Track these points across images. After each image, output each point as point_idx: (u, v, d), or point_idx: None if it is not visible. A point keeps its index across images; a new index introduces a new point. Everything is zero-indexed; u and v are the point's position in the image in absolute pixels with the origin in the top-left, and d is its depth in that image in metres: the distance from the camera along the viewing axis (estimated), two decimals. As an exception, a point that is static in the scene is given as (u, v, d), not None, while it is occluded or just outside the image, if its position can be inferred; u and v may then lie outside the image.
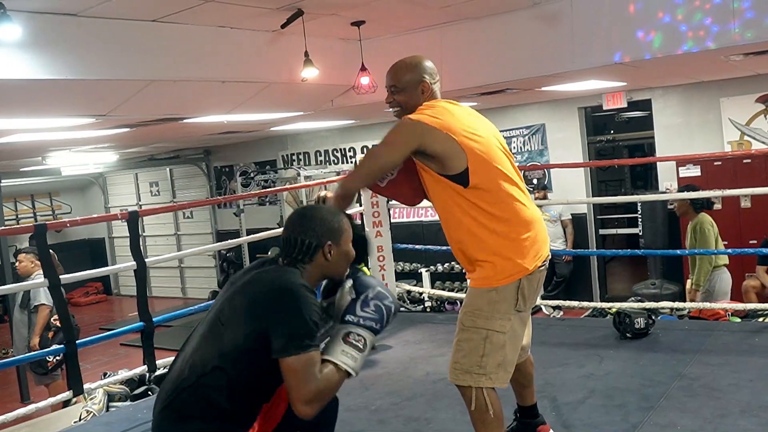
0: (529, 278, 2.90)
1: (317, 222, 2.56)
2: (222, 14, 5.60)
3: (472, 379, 2.91)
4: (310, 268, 2.53)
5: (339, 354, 2.38)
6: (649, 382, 4.26)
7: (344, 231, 2.60)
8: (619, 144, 11.28)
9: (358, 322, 2.45)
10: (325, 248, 2.52)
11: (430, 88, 3.03)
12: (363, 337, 2.43)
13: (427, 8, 6.24)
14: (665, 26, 5.92)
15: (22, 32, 4.43)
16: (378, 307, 2.48)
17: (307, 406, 2.29)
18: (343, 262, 2.59)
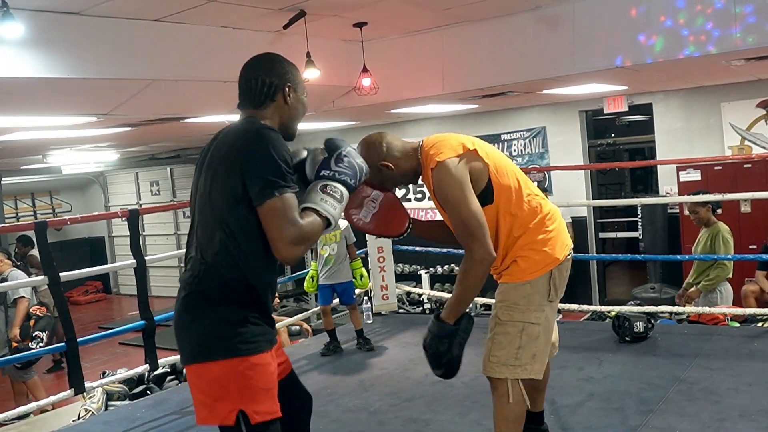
0: (559, 268, 2.99)
1: (278, 63, 2.54)
2: (224, 14, 5.61)
3: (509, 371, 2.95)
4: (270, 112, 2.48)
5: (319, 201, 2.35)
6: (648, 386, 4.26)
7: (302, 82, 2.57)
8: (620, 148, 11.28)
9: (332, 176, 2.40)
10: (285, 89, 2.49)
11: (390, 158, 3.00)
12: (339, 189, 2.39)
13: (429, 10, 6.25)
14: (667, 30, 5.94)
15: (24, 30, 4.45)
16: (351, 164, 2.44)
17: (291, 247, 2.24)
18: (300, 109, 2.56)
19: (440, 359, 2.94)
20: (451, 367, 2.97)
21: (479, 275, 2.83)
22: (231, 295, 2.30)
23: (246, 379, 2.25)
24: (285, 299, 12.22)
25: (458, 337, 2.91)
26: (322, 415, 4.33)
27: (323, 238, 5.66)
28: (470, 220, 2.81)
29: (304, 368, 5.38)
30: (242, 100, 2.53)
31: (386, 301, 6.66)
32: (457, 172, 2.85)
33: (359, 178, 2.46)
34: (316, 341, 6.20)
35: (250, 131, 2.35)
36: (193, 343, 2.33)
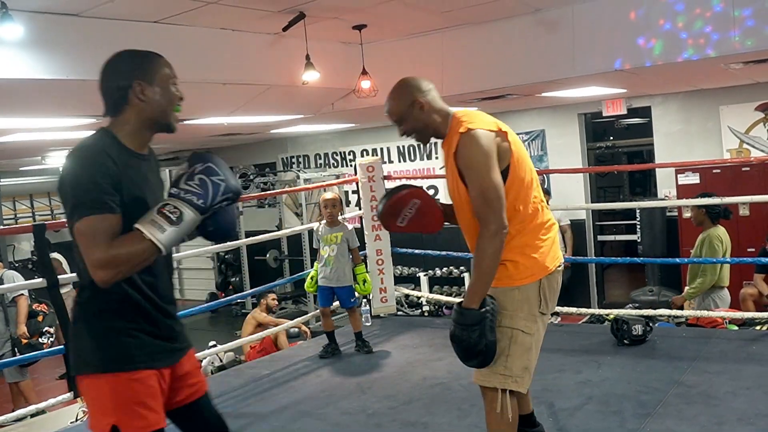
0: (549, 278, 2.95)
1: (122, 62, 2.37)
2: (224, 16, 5.62)
3: (498, 381, 2.89)
4: (127, 117, 2.33)
5: (146, 223, 2.17)
6: (647, 389, 4.26)
7: (160, 67, 2.38)
8: (619, 150, 11.29)
9: (178, 195, 2.22)
10: (135, 88, 2.31)
11: (427, 102, 2.97)
12: (180, 211, 2.20)
13: (429, 13, 6.25)
14: (666, 34, 5.94)
15: (23, 31, 4.44)
16: (203, 182, 2.25)
17: (98, 270, 2.13)
18: (163, 101, 2.36)
19: (474, 349, 2.82)
20: (488, 354, 2.84)
21: (495, 250, 2.77)
22: (104, 307, 2.27)
23: (118, 394, 2.24)
24: (284, 301, 12.22)
25: (488, 321, 2.81)
26: (320, 418, 4.33)
27: (324, 239, 5.66)
28: (489, 190, 2.77)
29: (302, 370, 5.38)
30: (104, 109, 2.39)
31: (385, 303, 6.66)
32: (486, 142, 2.81)
33: (212, 199, 2.25)
34: (314, 343, 6.20)
35: (72, 150, 2.26)
36: (75, 354, 2.33)
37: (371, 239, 6.59)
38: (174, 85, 2.41)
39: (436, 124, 2.98)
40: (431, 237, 11.26)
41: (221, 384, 5.23)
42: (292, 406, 4.59)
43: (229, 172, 2.33)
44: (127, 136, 2.32)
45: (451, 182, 2.98)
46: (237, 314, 12.63)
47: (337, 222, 5.69)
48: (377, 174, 6.57)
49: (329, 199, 5.70)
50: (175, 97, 2.40)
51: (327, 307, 5.73)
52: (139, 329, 2.30)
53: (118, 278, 2.17)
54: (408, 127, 3.01)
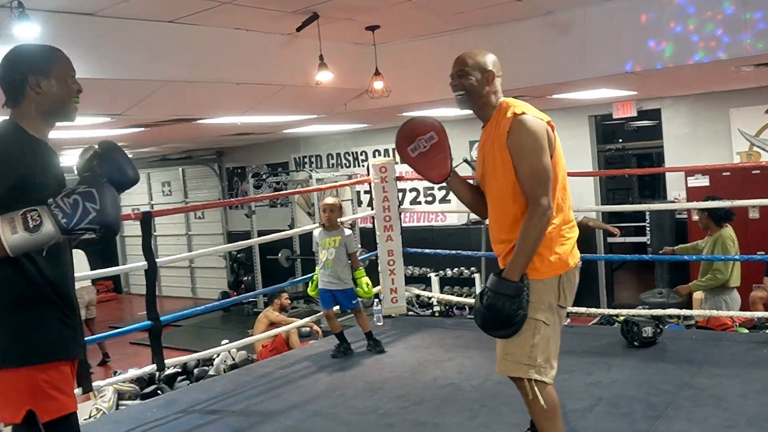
0: (568, 274, 3.03)
1: (19, 57, 2.49)
2: (238, 16, 5.66)
3: (522, 371, 2.95)
4: (25, 109, 2.45)
5: (5, 219, 2.22)
6: (657, 391, 4.27)
7: (56, 62, 2.51)
8: (628, 153, 11.29)
9: (49, 206, 2.27)
10: (30, 81, 2.44)
11: (494, 80, 3.09)
12: (41, 221, 2.23)
13: (441, 15, 6.28)
14: (677, 36, 5.95)
15: (40, 31, 4.48)
16: (76, 202, 2.29)
17: None
18: (61, 92, 2.49)
19: (513, 318, 2.87)
20: (519, 326, 2.91)
21: (542, 227, 2.87)
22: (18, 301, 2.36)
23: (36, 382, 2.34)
24: (295, 300, 12.26)
25: (524, 296, 2.88)
26: (331, 417, 4.36)
27: (322, 243, 5.71)
28: (541, 171, 2.88)
29: (313, 370, 5.42)
30: (5, 101, 2.51)
31: (396, 303, 6.69)
32: (538, 128, 2.92)
33: (77, 222, 2.28)
34: (326, 343, 6.24)
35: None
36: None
37: (383, 240, 6.62)
38: (71, 77, 2.54)
39: (487, 100, 3.09)
40: (442, 237, 11.31)
41: (233, 382, 5.27)
42: (304, 405, 4.62)
43: (115, 205, 2.37)
44: (28, 124, 2.45)
45: (491, 165, 3.02)
46: (249, 313, 12.68)
47: (335, 226, 5.73)
48: (390, 174, 6.60)
49: (329, 203, 5.78)
50: (72, 89, 2.54)
51: (330, 310, 5.78)
52: (54, 321, 2.41)
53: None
54: (466, 83, 3.07)
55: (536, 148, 2.89)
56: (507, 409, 4.09)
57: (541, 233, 2.87)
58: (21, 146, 2.37)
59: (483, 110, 3.11)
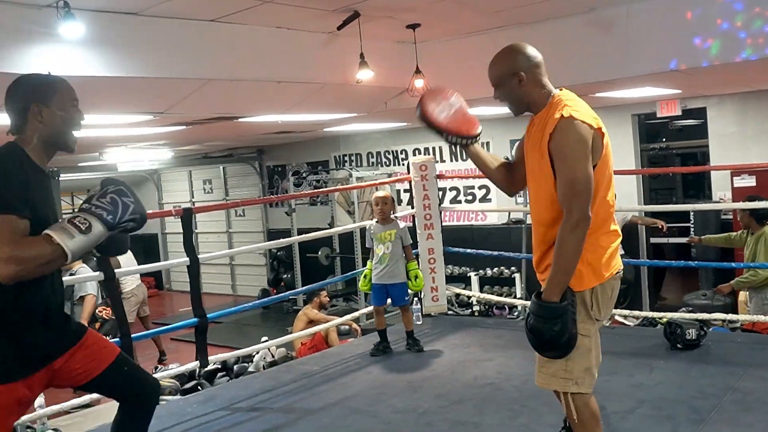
0: (603, 286, 2.88)
1: (21, 86, 2.58)
2: (279, 15, 5.68)
3: (559, 384, 2.88)
4: (28, 137, 2.53)
5: (58, 229, 2.33)
6: (700, 395, 4.20)
7: (57, 92, 2.59)
8: (672, 152, 11.09)
9: (89, 209, 2.40)
10: (32, 109, 2.52)
11: (528, 76, 2.94)
12: (89, 222, 2.36)
13: (482, 12, 6.24)
14: (723, 33, 5.83)
15: (85, 30, 4.56)
16: (114, 200, 2.43)
17: (3, 265, 2.25)
18: (61, 123, 2.57)
19: (559, 340, 2.75)
20: (570, 346, 2.78)
21: (577, 240, 2.72)
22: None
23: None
24: (335, 299, 12.30)
25: (569, 314, 2.75)
26: (371, 415, 4.36)
27: (378, 237, 5.69)
28: (579, 182, 2.73)
29: (353, 368, 5.42)
30: (9, 128, 2.58)
31: (436, 302, 6.67)
32: (586, 134, 2.78)
33: (120, 215, 2.43)
34: (365, 341, 6.24)
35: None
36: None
37: (423, 238, 6.60)
38: (74, 106, 2.61)
39: (532, 98, 2.95)
40: (482, 237, 11.24)
41: (272, 379, 5.30)
42: (343, 403, 4.63)
43: (138, 198, 2.52)
44: (31, 152, 2.52)
45: (534, 161, 2.93)
46: (288, 311, 12.76)
47: (389, 220, 5.72)
48: (430, 173, 6.58)
49: (381, 197, 5.74)
50: (74, 118, 2.61)
51: (381, 306, 5.76)
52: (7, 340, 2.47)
53: (20, 276, 2.29)
54: (502, 95, 2.99)
55: (577, 156, 2.75)
56: (548, 410, 4.04)
57: (575, 247, 2.73)
58: (27, 174, 2.45)
59: (533, 107, 2.98)
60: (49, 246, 2.29)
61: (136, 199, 2.49)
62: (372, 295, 5.85)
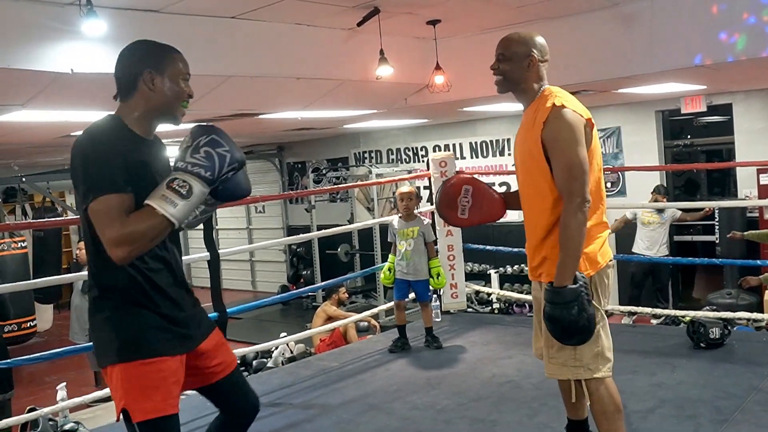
0: (600, 274, 2.93)
1: (138, 50, 2.47)
2: (299, 12, 5.68)
3: (570, 373, 2.89)
4: (133, 104, 2.42)
5: (158, 198, 2.22)
6: (724, 394, 4.14)
7: (173, 62, 2.46)
8: (697, 149, 10.97)
9: (185, 168, 2.26)
10: (145, 75, 2.39)
11: (537, 65, 2.98)
12: (188, 184, 2.24)
13: (503, 8, 6.19)
14: (750, 27, 5.74)
15: (107, 28, 4.58)
16: (209, 154, 2.29)
17: (116, 248, 2.18)
18: (171, 95, 2.44)
19: (576, 326, 2.75)
20: (590, 328, 2.79)
21: (580, 222, 2.76)
22: (118, 299, 2.36)
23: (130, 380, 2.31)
24: (354, 295, 12.31)
25: (583, 296, 2.75)
26: (389, 412, 4.35)
27: (401, 233, 5.66)
28: (576, 165, 2.78)
29: (371, 364, 5.41)
30: (117, 93, 2.48)
31: (455, 299, 6.64)
32: (577, 123, 2.83)
33: (219, 170, 2.30)
34: (383, 337, 6.23)
35: (83, 132, 2.35)
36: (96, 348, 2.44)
37: (443, 235, 6.57)
38: (185, 81, 2.49)
39: (529, 84, 3.00)
40: (502, 234, 11.17)
41: (291, 375, 5.30)
42: (361, 399, 4.62)
43: (233, 142, 2.37)
44: (133, 121, 2.42)
45: (525, 152, 2.97)
46: (308, 307, 12.78)
47: (413, 216, 5.69)
48: (450, 169, 6.54)
49: (405, 192, 5.71)
50: (183, 92, 2.48)
51: (402, 300, 5.74)
52: (154, 316, 2.38)
53: (134, 255, 2.24)
54: (505, 68, 3.02)
55: (572, 141, 2.79)
56: (567, 409, 4.03)
57: (579, 230, 2.76)
58: (124, 143, 2.34)
59: (524, 95, 3.03)
60: (155, 218, 2.21)
61: (231, 145, 2.34)
62: (394, 289, 5.83)
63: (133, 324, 2.35)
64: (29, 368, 9.66)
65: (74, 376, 8.87)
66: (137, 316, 2.36)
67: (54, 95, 5.35)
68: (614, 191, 10.66)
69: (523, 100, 3.05)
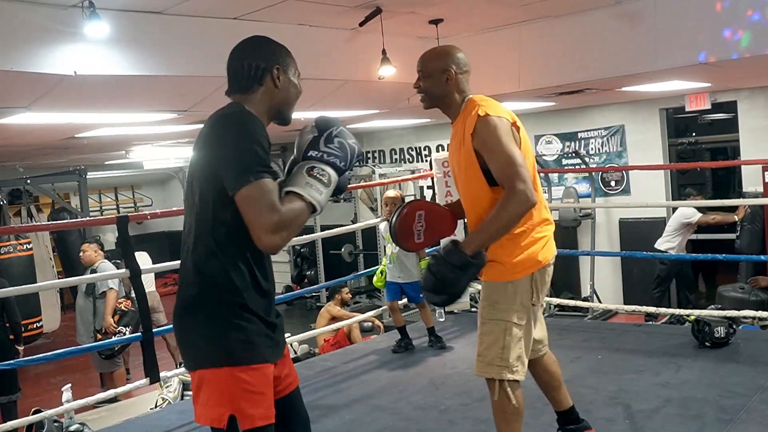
0: (541, 271, 3.04)
1: (265, 45, 2.43)
2: (301, 12, 5.67)
3: (495, 372, 3.00)
4: (258, 97, 2.36)
5: (304, 186, 2.20)
6: (729, 394, 4.12)
7: (293, 61, 2.44)
8: (701, 147, 10.95)
9: (321, 158, 2.25)
10: (273, 71, 2.36)
11: (455, 78, 3.05)
12: (327, 173, 2.24)
13: (506, 6, 6.18)
14: (754, 24, 5.72)
15: (110, 29, 4.58)
16: (342, 144, 2.29)
17: (272, 235, 2.12)
18: (293, 92, 2.43)
19: (444, 288, 2.85)
20: (451, 299, 2.94)
21: (517, 213, 2.81)
22: (227, 297, 2.24)
23: (239, 385, 2.21)
24: (357, 295, 12.30)
25: (470, 271, 2.83)
26: (393, 412, 4.34)
27: (387, 237, 5.68)
28: (514, 161, 2.82)
29: (375, 364, 5.41)
30: (230, 87, 2.42)
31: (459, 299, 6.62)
32: (503, 126, 2.91)
33: (350, 160, 2.31)
34: (387, 338, 6.22)
35: (223, 118, 2.28)
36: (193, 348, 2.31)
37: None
38: (299, 81, 2.46)
39: (451, 100, 3.08)
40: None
41: (295, 376, 5.30)
42: (365, 400, 4.61)
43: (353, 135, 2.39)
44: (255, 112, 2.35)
45: (461, 162, 3.04)
46: (311, 307, 12.78)
47: None
48: (452, 169, 6.54)
49: (390, 197, 5.81)
50: (300, 92, 2.47)
51: (395, 302, 5.78)
52: (259, 321, 2.29)
53: (286, 243, 2.18)
54: (425, 85, 3.10)
55: (503, 142, 2.86)
56: (571, 409, 4.02)
57: (513, 218, 2.82)
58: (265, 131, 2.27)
59: (449, 109, 3.12)
60: (303, 204, 2.19)
61: (354, 138, 2.36)
62: (386, 291, 5.88)
63: (246, 327, 2.25)
64: (35, 369, 9.67)
65: (80, 378, 8.88)
66: (249, 321, 2.26)
67: (57, 97, 5.35)
68: (618, 190, 10.64)
69: (449, 113, 3.12)
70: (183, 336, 2.34)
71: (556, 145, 11.19)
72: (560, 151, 11.13)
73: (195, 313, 2.29)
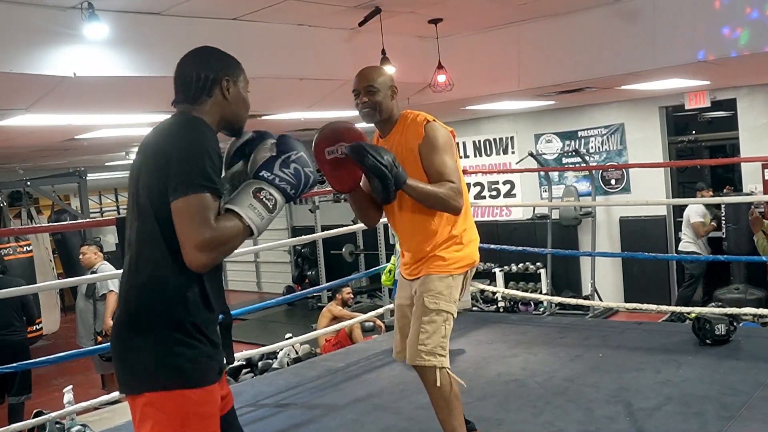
0: (471, 271, 3.37)
1: (215, 56, 2.34)
2: (301, 12, 5.68)
3: (437, 360, 3.17)
4: (207, 108, 2.26)
5: (246, 207, 2.09)
6: (730, 391, 4.12)
7: (243, 73, 2.35)
8: (701, 145, 10.95)
9: (272, 181, 2.15)
10: (222, 83, 2.27)
11: (395, 95, 3.29)
12: (275, 198, 2.14)
13: (505, 5, 6.19)
14: (753, 22, 5.73)
15: (109, 31, 4.59)
16: (297, 171, 2.19)
17: (199, 252, 2.01)
18: (242, 105, 2.32)
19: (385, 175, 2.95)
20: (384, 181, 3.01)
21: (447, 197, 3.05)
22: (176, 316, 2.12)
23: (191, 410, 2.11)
24: (359, 295, 12.30)
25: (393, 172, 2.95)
26: (395, 412, 4.34)
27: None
28: (454, 168, 3.12)
29: (377, 364, 5.41)
30: (177, 97, 2.31)
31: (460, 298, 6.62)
32: (448, 135, 3.20)
33: (301, 189, 2.22)
34: (389, 337, 6.21)
35: (173, 127, 2.19)
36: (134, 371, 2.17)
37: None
38: (247, 93, 2.39)
39: (394, 113, 3.27)
40: (507, 232, 11.16)
41: (297, 375, 5.30)
42: (367, 399, 4.61)
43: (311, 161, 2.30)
44: None
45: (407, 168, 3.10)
46: (313, 307, 12.78)
47: None
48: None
49: None
50: (248, 104, 2.38)
51: None
52: (206, 340, 2.17)
53: (214, 263, 2.08)
54: (378, 99, 3.23)
55: (448, 149, 3.14)
56: (572, 407, 4.02)
57: (441, 200, 3.05)
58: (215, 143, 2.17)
59: (387, 122, 3.28)
60: (239, 228, 2.08)
61: (312, 165, 2.26)
62: (394, 289, 5.84)
63: (197, 347, 2.13)
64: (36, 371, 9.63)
65: (81, 379, 8.88)
66: (199, 341, 2.14)
67: (57, 99, 5.36)
68: (618, 188, 10.65)
69: (386, 126, 3.29)
70: (127, 356, 2.17)
71: (556, 144, 11.20)
72: (560, 150, 11.14)
73: (141, 331, 2.13)
